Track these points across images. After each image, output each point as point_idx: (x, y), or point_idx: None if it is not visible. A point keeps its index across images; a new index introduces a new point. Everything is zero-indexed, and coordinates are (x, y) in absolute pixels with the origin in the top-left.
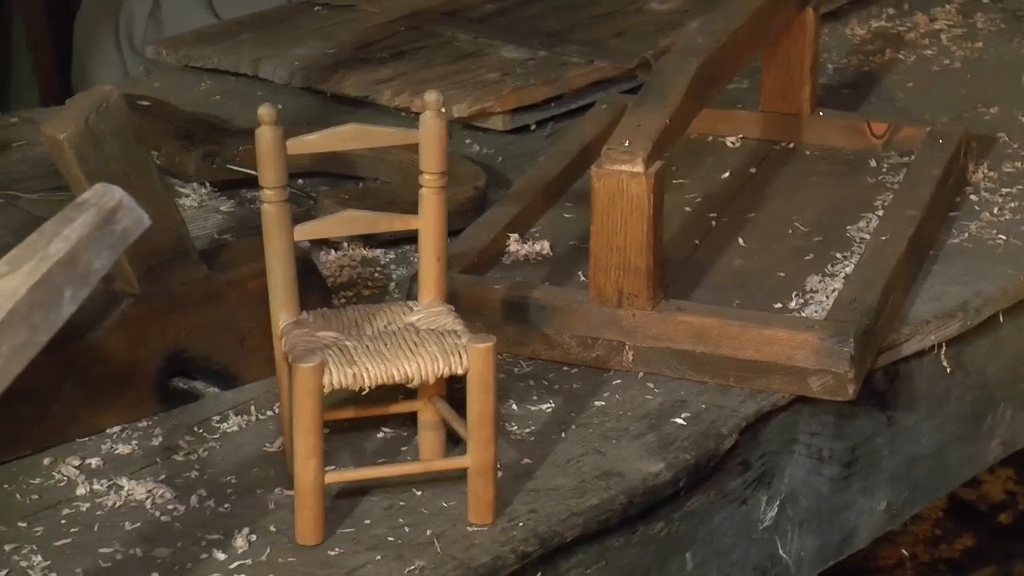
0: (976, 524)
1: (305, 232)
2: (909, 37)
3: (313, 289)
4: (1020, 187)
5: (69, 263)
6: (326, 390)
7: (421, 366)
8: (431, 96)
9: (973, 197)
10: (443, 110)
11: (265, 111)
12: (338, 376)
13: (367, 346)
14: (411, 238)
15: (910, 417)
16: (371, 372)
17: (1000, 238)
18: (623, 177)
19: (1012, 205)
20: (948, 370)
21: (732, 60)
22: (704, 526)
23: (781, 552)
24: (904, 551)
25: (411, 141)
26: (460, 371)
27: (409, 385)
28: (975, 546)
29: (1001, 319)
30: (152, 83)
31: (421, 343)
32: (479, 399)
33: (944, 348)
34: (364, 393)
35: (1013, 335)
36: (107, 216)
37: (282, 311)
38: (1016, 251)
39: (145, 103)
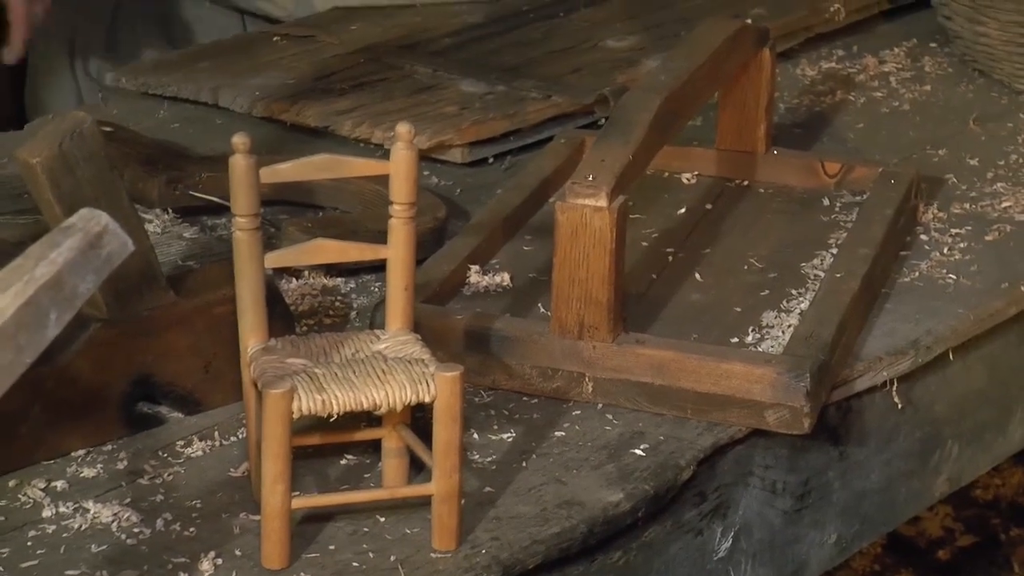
0: (915, 560)
1: (276, 260)
2: (859, 79)
3: (277, 317)
4: (969, 228)
5: (55, 286)
6: (295, 416)
7: (389, 394)
8: (403, 128)
9: (923, 237)
10: (414, 141)
11: (239, 139)
12: (307, 402)
13: (336, 373)
14: (371, 268)
15: (861, 452)
16: (340, 399)
17: (950, 277)
18: (587, 211)
19: (961, 246)
20: (899, 406)
21: (693, 98)
22: (660, 556)
23: None
24: None
25: (383, 172)
26: (427, 399)
27: (376, 413)
28: None
29: (951, 357)
30: (111, 110)
31: (389, 371)
32: (446, 427)
33: (895, 384)
34: (331, 420)
35: (961, 373)
36: (93, 240)
37: (251, 337)
38: (966, 291)
39: (108, 129)
